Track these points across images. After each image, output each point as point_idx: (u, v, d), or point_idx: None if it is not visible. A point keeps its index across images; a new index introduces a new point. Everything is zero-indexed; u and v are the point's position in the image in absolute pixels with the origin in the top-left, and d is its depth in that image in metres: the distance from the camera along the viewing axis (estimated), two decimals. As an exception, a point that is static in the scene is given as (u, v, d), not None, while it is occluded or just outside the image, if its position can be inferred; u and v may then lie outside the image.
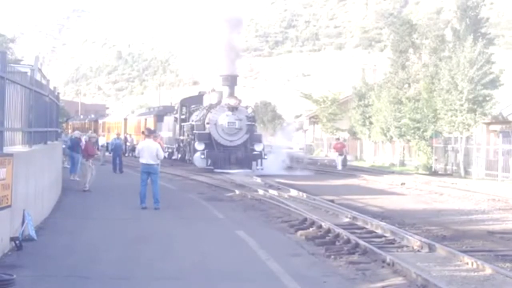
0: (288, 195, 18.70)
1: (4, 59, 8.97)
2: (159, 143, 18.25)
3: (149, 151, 15.26)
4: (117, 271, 8.57)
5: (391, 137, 36.17)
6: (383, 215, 14.84)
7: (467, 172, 29.27)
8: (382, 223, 12.72)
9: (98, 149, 29.18)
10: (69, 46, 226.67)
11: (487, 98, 28.59)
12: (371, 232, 12.21)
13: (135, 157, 33.61)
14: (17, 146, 10.58)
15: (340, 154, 34.60)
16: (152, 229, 12.30)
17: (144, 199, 15.11)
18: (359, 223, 13.14)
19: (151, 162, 15.24)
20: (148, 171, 15.27)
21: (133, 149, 37.17)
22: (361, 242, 10.52)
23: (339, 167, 33.47)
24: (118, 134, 34.98)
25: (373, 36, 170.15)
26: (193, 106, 34.46)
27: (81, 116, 73.43)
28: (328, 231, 11.98)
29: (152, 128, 24.60)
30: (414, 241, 10.69)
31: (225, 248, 10.49)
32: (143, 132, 18.19)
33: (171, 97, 70.70)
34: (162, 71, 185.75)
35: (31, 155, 11.29)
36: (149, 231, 12.09)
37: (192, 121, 32.12)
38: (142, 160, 15.40)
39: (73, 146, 23.55)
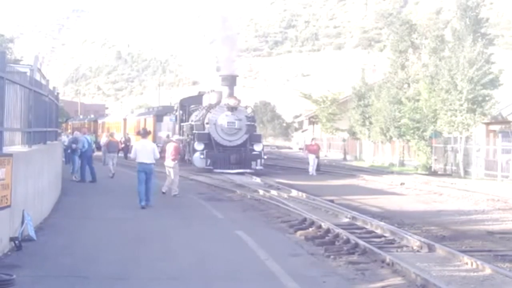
0: (288, 195, 18.66)
1: (4, 59, 8.97)
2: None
3: (146, 151, 15.52)
4: (116, 271, 8.56)
5: (391, 137, 36.15)
6: (383, 215, 14.84)
7: (466, 172, 29.25)
8: (382, 223, 12.72)
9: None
10: (69, 46, 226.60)
11: (487, 98, 28.55)
12: (371, 232, 12.20)
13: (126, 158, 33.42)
14: (16, 146, 10.58)
15: (317, 157, 30.49)
16: (151, 229, 12.30)
17: (143, 198, 15.23)
18: (359, 223, 13.14)
19: (148, 161, 15.53)
20: (145, 170, 15.48)
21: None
22: (360, 242, 10.52)
23: (314, 172, 29.36)
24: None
25: (373, 36, 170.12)
26: (192, 106, 34.41)
27: (81, 116, 73.42)
28: (328, 231, 11.97)
29: (148, 129, 24.20)
30: (414, 241, 10.68)
31: (225, 248, 10.49)
32: (138, 133, 18.16)
33: (170, 97, 70.73)
34: (161, 71, 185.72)
35: (31, 155, 11.28)
36: (148, 231, 12.09)
37: (192, 121, 32.08)
38: (139, 160, 15.56)
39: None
